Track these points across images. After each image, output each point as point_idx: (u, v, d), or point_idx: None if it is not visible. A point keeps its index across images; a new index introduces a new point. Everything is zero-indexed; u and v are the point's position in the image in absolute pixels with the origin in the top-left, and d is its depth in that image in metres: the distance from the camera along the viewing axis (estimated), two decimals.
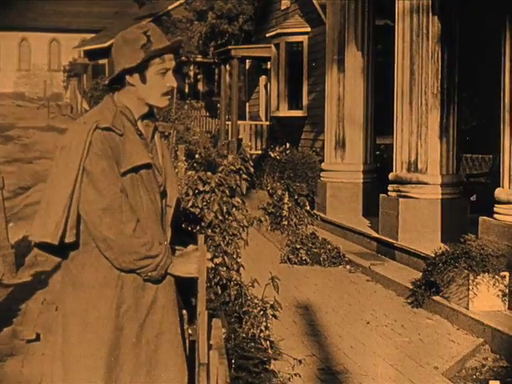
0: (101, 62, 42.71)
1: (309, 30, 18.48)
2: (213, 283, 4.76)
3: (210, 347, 2.71)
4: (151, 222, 2.88)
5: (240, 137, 20.19)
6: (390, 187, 10.27)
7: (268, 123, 21.12)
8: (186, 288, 3.03)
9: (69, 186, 2.75)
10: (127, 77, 2.90)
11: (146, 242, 2.80)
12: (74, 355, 2.80)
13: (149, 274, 2.82)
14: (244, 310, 5.15)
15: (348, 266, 9.89)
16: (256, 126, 21.23)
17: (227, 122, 20.34)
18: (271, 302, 5.26)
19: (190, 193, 5.26)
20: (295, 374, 5.24)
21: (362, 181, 12.59)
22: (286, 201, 12.18)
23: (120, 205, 2.78)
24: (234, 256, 5.28)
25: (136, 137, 2.91)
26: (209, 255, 2.94)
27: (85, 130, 2.79)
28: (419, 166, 9.94)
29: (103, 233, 2.76)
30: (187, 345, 3.06)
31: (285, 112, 19.39)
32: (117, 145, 2.82)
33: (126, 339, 2.82)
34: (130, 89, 2.92)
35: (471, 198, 11.76)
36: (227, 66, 21.27)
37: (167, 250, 2.85)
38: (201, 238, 2.97)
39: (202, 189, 5.21)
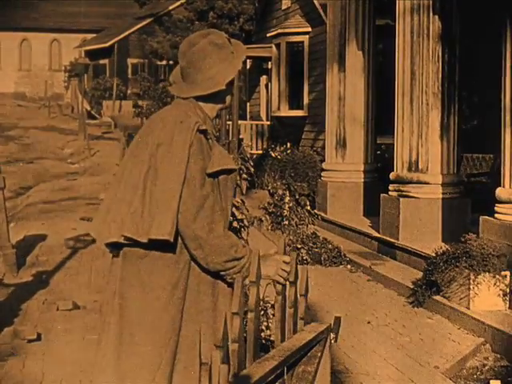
0: (102, 61, 42.79)
1: (309, 29, 18.48)
2: None
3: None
4: None
5: (241, 137, 20.17)
6: (390, 187, 10.28)
7: (269, 123, 21.12)
8: None
9: (179, 186, 2.75)
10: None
11: (234, 244, 2.82)
12: (138, 355, 2.78)
13: (233, 276, 2.81)
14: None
15: (349, 266, 9.89)
16: (257, 125, 21.22)
17: (228, 122, 20.33)
18: (272, 302, 5.26)
19: None
20: None
21: (362, 180, 12.59)
22: (286, 200, 12.16)
23: (212, 204, 2.79)
24: None
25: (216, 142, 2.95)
26: (287, 258, 2.92)
27: (186, 130, 2.80)
28: (420, 166, 9.94)
29: (196, 232, 2.76)
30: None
31: (286, 112, 19.39)
32: (207, 148, 2.85)
33: (183, 341, 2.82)
34: (214, 93, 2.95)
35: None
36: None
37: (251, 253, 2.83)
38: (281, 241, 2.97)
39: None
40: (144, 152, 2.83)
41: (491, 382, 5.85)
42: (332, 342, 3.02)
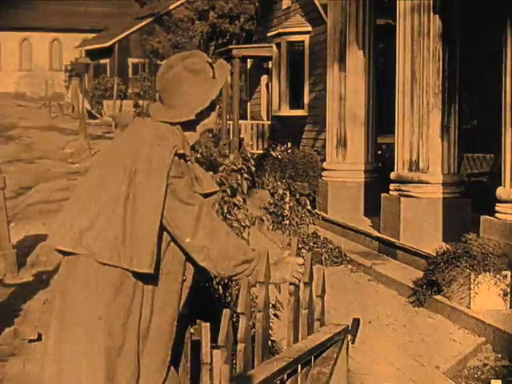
0: (102, 61, 42.79)
1: (310, 29, 18.47)
2: (214, 283, 4.76)
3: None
4: None
5: (241, 136, 20.18)
6: (391, 186, 10.28)
7: (269, 122, 21.12)
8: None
9: (159, 215, 2.72)
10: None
11: (241, 246, 2.81)
12: (77, 357, 2.72)
13: (245, 279, 2.77)
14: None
15: (349, 266, 9.90)
16: (257, 125, 21.22)
17: (229, 122, 20.35)
18: (273, 302, 5.26)
19: None
20: None
21: (363, 180, 12.59)
22: (287, 200, 12.17)
23: (208, 212, 2.78)
24: None
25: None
26: (300, 260, 2.90)
27: (163, 156, 2.76)
28: (420, 166, 9.94)
29: (200, 243, 2.75)
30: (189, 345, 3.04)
31: (286, 111, 19.38)
32: (186, 169, 2.83)
33: (126, 356, 2.77)
34: (187, 121, 2.91)
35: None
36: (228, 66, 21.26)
37: (261, 254, 2.80)
38: (294, 242, 2.96)
39: None
40: (121, 174, 2.77)
41: (492, 381, 5.86)
42: (349, 343, 3.01)
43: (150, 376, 2.81)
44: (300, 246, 10.21)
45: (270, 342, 5.12)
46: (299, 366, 2.71)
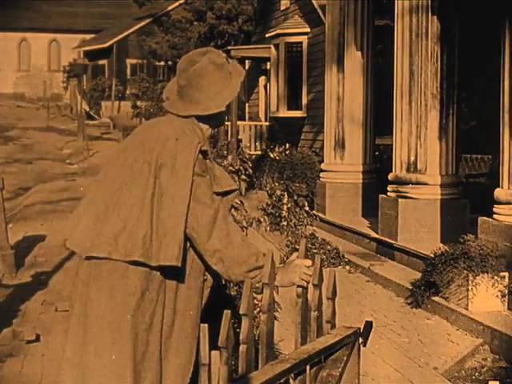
0: (100, 62, 42.81)
1: (308, 30, 18.47)
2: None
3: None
4: None
5: (239, 137, 20.17)
6: (389, 188, 10.27)
7: (267, 123, 21.11)
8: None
9: (184, 211, 2.71)
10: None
11: (254, 253, 2.79)
12: (101, 362, 2.73)
13: (256, 284, 2.77)
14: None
15: (347, 267, 9.89)
16: (255, 126, 21.21)
17: (227, 123, 20.34)
18: None
19: None
20: None
21: (361, 181, 12.58)
22: (285, 201, 12.17)
23: (224, 216, 2.77)
24: None
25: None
26: (308, 262, 2.89)
27: (188, 150, 2.77)
28: (418, 167, 9.94)
29: (214, 246, 2.74)
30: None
31: (284, 112, 19.38)
32: (206, 167, 2.83)
33: (150, 357, 2.78)
34: (212, 115, 2.93)
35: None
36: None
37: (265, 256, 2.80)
38: (302, 244, 2.95)
39: None
40: (146, 171, 2.77)
41: (490, 382, 5.86)
42: (361, 346, 2.98)
43: (176, 377, 2.82)
44: (298, 247, 10.19)
45: None
46: (308, 368, 2.69)
